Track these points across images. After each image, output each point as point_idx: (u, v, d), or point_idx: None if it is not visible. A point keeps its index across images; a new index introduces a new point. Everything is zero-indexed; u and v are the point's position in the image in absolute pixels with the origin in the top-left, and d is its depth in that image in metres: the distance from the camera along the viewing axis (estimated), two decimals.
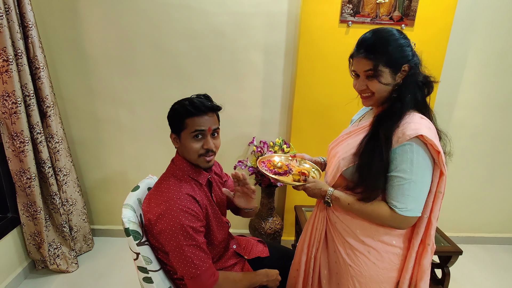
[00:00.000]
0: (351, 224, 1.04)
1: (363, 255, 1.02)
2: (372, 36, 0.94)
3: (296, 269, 1.22)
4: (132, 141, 2.18)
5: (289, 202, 2.25)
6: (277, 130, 2.19)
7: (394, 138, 0.91)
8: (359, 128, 1.06)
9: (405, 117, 0.92)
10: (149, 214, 1.01)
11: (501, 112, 2.16)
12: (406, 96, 0.93)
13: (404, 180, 0.90)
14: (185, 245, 0.97)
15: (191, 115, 1.03)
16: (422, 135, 0.87)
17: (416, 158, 0.88)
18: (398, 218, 0.93)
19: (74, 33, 1.92)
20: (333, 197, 1.03)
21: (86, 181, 2.25)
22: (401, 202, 0.91)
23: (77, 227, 2.10)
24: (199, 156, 1.07)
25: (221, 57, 2.00)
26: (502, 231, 2.45)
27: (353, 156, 0.98)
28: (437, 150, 0.89)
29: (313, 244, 1.15)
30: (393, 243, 1.01)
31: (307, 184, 1.06)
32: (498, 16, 1.97)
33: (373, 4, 1.84)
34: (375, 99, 0.98)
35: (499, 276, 2.12)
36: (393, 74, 0.93)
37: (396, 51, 0.92)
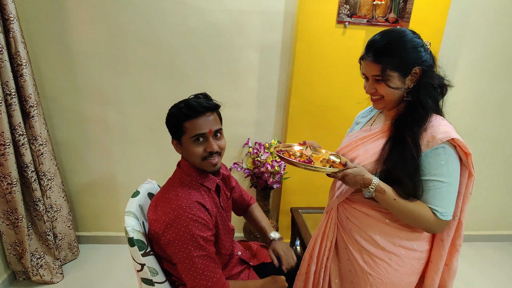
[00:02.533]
0: (369, 230, 1.00)
1: (384, 261, 0.98)
2: (381, 38, 0.92)
3: (302, 280, 1.17)
4: (121, 143, 2.07)
5: (284, 204, 2.22)
6: (272, 131, 2.15)
7: (424, 142, 0.89)
8: (374, 133, 1.03)
9: (430, 119, 0.91)
10: (156, 223, 0.95)
11: (489, 113, 2.24)
12: (427, 100, 0.91)
13: (442, 184, 0.88)
14: (195, 256, 0.91)
15: (189, 118, 0.97)
16: (454, 138, 0.87)
17: (451, 161, 0.88)
18: (440, 223, 0.91)
19: (60, 28, 1.80)
20: (378, 188, 0.91)
21: (72, 185, 2.12)
22: (441, 206, 0.89)
23: (62, 235, 1.97)
24: (203, 159, 1.00)
25: (216, 56, 1.94)
26: (490, 228, 2.54)
27: (376, 162, 0.95)
28: (466, 152, 0.89)
29: (324, 253, 1.10)
30: (414, 247, 0.99)
31: (348, 169, 0.92)
32: (488, 21, 2.03)
33: (370, 5, 1.84)
34: (385, 103, 0.97)
35: (488, 273, 2.19)
36: (403, 78, 0.91)
37: (405, 54, 0.90)
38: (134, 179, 2.15)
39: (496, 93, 2.19)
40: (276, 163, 1.93)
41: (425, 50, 0.92)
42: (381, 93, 0.94)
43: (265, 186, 2.04)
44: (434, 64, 0.94)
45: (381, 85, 0.93)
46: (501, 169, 2.39)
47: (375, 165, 0.95)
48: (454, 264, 1.01)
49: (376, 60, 0.91)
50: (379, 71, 0.91)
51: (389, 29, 0.94)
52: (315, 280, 1.13)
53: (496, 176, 2.40)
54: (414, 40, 0.91)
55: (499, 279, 2.13)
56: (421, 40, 0.93)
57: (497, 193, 2.46)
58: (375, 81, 0.94)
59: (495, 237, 2.55)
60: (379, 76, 0.91)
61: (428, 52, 0.93)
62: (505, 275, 2.17)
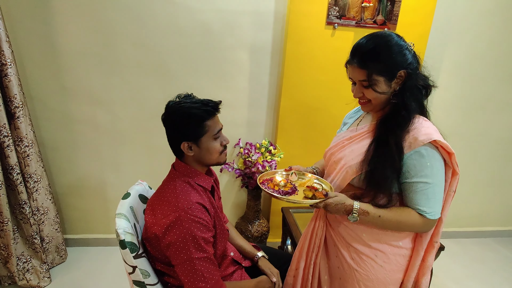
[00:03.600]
0: (356, 228, 1.02)
1: (370, 258, 1.01)
2: (366, 44, 0.93)
3: (293, 276, 1.19)
4: (110, 144, 2.04)
5: (275, 204, 2.23)
6: (263, 131, 2.16)
7: (406, 144, 0.91)
8: (361, 133, 1.05)
9: (413, 121, 0.93)
10: (156, 226, 0.94)
11: (472, 113, 2.31)
12: (411, 102, 0.93)
13: (428, 185, 0.90)
14: (196, 258, 0.92)
15: (210, 116, 1.00)
16: (435, 140, 0.88)
17: (434, 162, 0.90)
18: (429, 223, 0.94)
19: (46, 27, 1.76)
20: (361, 211, 0.94)
21: (59, 187, 2.08)
22: (428, 206, 0.92)
23: (49, 238, 1.93)
24: (220, 153, 1.06)
25: (207, 55, 1.93)
26: (473, 225, 2.62)
27: (361, 163, 0.96)
28: (449, 152, 0.91)
29: (313, 250, 1.12)
30: (400, 244, 1.01)
31: (329, 200, 0.94)
32: (471, 24, 2.09)
33: (358, 7, 1.87)
34: (372, 106, 0.99)
35: (471, 268, 2.26)
36: (389, 82, 0.93)
37: (390, 59, 0.91)
38: (124, 181, 2.12)
39: (479, 93, 2.26)
40: (267, 163, 1.94)
41: (410, 52, 0.93)
42: (368, 97, 0.96)
43: (256, 186, 2.05)
44: (418, 65, 0.95)
45: (368, 90, 0.94)
46: (483, 167, 2.47)
47: (360, 165, 0.97)
48: (429, 260, 1.03)
49: (362, 66, 0.92)
50: (365, 76, 0.92)
51: (374, 34, 0.95)
52: (304, 276, 1.15)
53: (479, 174, 2.48)
54: (399, 43, 0.92)
55: (482, 274, 2.21)
56: (405, 42, 0.94)
57: (480, 191, 2.54)
58: (362, 85, 0.95)
59: (478, 234, 2.63)
60: (366, 81, 0.93)
61: (412, 54, 0.94)
62: (487, 270, 2.24)
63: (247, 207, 2.19)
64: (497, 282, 2.13)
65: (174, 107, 1.00)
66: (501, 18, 2.10)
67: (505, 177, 2.52)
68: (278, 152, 2.06)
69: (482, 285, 2.09)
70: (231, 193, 2.27)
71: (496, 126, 2.37)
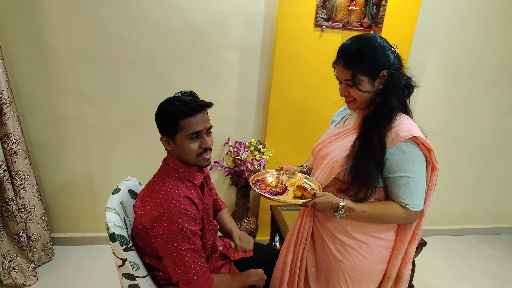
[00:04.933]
0: (341, 221, 1.06)
1: (355, 250, 1.05)
2: (351, 45, 0.98)
3: (280, 269, 1.22)
4: (98, 142, 2.04)
5: (263, 202, 2.26)
6: (252, 130, 2.19)
7: (388, 140, 0.96)
8: (347, 129, 1.09)
9: (395, 119, 0.98)
10: (145, 218, 0.96)
11: (455, 113, 2.39)
12: (393, 101, 0.98)
13: (410, 179, 0.96)
14: (183, 249, 0.93)
15: (186, 116, 0.99)
16: (416, 136, 0.93)
17: (415, 157, 0.95)
18: (411, 215, 0.99)
19: (34, 23, 1.75)
20: (346, 208, 0.99)
21: (46, 185, 2.06)
22: (410, 199, 0.97)
23: (36, 236, 1.92)
24: (198, 155, 1.04)
25: (197, 55, 1.96)
26: (455, 223, 2.71)
27: (347, 158, 1.01)
28: (428, 148, 0.96)
29: (300, 243, 1.16)
30: (383, 236, 1.06)
31: (316, 199, 0.99)
32: (453, 28, 2.18)
33: (345, 10, 1.93)
34: (357, 104, 1.04)
35: (453, 264, 2.34)
36: (372, 81, 0.98)
37: (374, 59, 0.96)
38: (112, 179, 2.12)
39: (460, 95, 2.35)
40: (256, 161, 1.98)
41: (392, 53, 0.98)
42: (353, 95, 1.01)
43: (245, 184, 2.07)
44: (401, 66, 1.00)
45: (352, 89, 1.00)
46: (465, 166, 2.56)
47: (345, 160, 1.01)
48: (411, 252, 1.08)
49: (346, 66, 0.98)
50: (350, 76, 0.98)
51: (359, 36, 1.00)
52: (292, 269, 1.18)
53: (461, 173, 2.57)
54: (382, 45, 0.97)
55: (463, 270, 2.29)
56: (388, 44, 0.99)
57: (461, 190, 2.63)
58: (347, 84, 1.01)
59: (460, 231, 2.72)
60: (350, 81, 0.98)
61: (395, 55, 0.99)
62: (468, 266, 2.33)
63: (236, 205, 2.22)
64: (477, 277, 2.21)
65: (162, 102, 1.04)
66: (482, 23, 2.19)
67: (486, 177, 2.62)
68: (267, 151, 2.09)
69: (463, 281, 2.17)
70: (220, 191, 2.29)
71: (477, 127, 2.46)
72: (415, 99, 2.29)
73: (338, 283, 1.08)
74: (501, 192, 2.70)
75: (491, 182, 2.65)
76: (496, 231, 2.79)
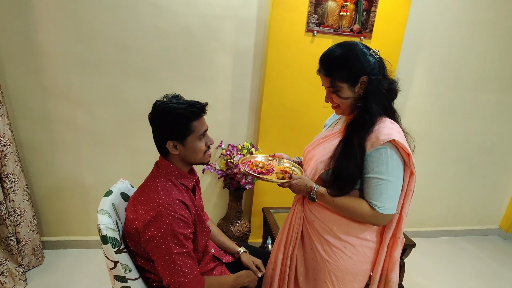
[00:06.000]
0: (328, 222, 1.09)
1: (340, 250, 1.08)
2: (330, 53, 1.01)
3: (272, 268, 1.24)
4: (90, 145, 2.03)
5: (256, 205, 2.28)
6: (245, 133, 2.21)
7: (369, 143, 0.98)
8: (334, 133, 1.13)
9: (376, 123, 0.99)
10: (137, 221, 0.97)
11: (442, 117, 2.45)
12: (372, 106, 1.00)
13: (381, 181, 0.97)
14: (175, 253, 0.94)
15: (197, 117, 1.03)
16: (395, 139, 0.95)
17: (391, 161, 0.96)
18: (378, 216, 1.00)
19: (25, 25, 1.75)
20: (318, 193, 1.06)
21: (37, 188, 2.04)
22: (379, 201, 0.98)
23: (26, 240, 1.90)
24: (204, 153, 1.09)
25: (189, 58, 1.97)
26: (442, 225, 2.76)
27: (330, 159, 1.04)
28: (407, 153, 0.97)
29: (290, 243, 1.18)
30: (367, 237, 1.08)
31: (292, 180, 1.08)
32: (441, 35, 2.24)
33: (336, 16, 1.96)
34: (342, 109, 1.07)
35: (441, 265, 2.39)
36: (352, 87, 1.00)
37: (352, 66, 0.98)
38: (103, 182, 2.11)
39: (448, 99, 2.41)
40: None
41: (374, 58, 1.00)
42: (336, 102, 1.05)
43: (237, 187, 2.09)
44: (383, 70, 1.02)
45: (334, 96, 1.03)
46: (452, 169, 2.62)
47: (329, 161, 1.05)
48: (395, 255, 1.09)
49: (326, 74, 1.02)
50: (329, 83, 1.02)
51: (339, 43, 1.02)
52: (282, 268, 1.21)
53: (448, 176, 2.62)
54: (362, 51, 0.99)
55: (451, 270, 2.33)
56: (368, 50, 1.01)
57: (448, 192, 2.69)
58: (329, 91, 1.04)
59: (448, 233, 2.78)
60: (331, 88, 1.02)
61: (377, 60, 1.00)
62: (456, 267, 2.38)
63: (228, 208, 2.23)
64: (465, 278, 2.26)
65: (161, 107, 1.03)
66: (468, 30, 2.26)
67: (473, 179, 2.69)
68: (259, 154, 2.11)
69: (451, 281, 2.21)
70: (213, 194, 2.30)
71: (464, 131, 2.52)
72: (403, 103, 2.34)
73: (324, 282, 1.11)
74: (488, 194, 2.77)
75: (478, 184, 2.71)
76: (483, 233, 2.86)
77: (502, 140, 2.62)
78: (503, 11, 2.26)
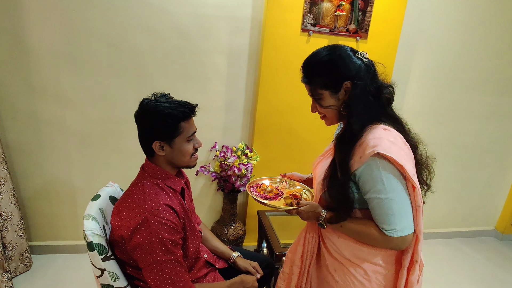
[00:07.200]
0: (337, 243, 1.00)
1: (350, 273, 0.97)
2: (309, 59, 0.93)
3: (284, 280, 1.14)
4: (80, 146, 1.97)
5: (251, 208, 2.24)
6: (239, 135, 2.17)
7: (356, 158, 0.86)
8: (330, 149, 1.05)
9: (364, 134, 0.88)
10: (122, 228, 0.92)
11: (438, 119, 2.44)
12: (353, 115, 0.88)
13: (382, 201, 0.84)
14: (163, 260, 0.90)
15: (186, 118, 1.00)
16: (380, 152, 0.82)
17: (385, 175, 0.83)
18: (392, 240, 0.86)
19: (13, 23, 1.69)
20: (326, 219, 0.97)
21: (25, 192, 1.98)
22: (387, 224, 0.85)
23: (13, 245, 1.83)
24: (191, 156, 1.06)
25: (182, 58, 1.93)
26: (439, 226, 2.74)
27: (323, 181, 0.96)
28: (399, 164, 0.82)
29: (307, 258, 1.09)
30: (380, 263, 0.95)
31: (300, 207, 1.00)
32: (436, 36, 2.22)
33: (332, 16, 1.94)
34: (329, 120, 0.98)
35: (438, 267, 2.37)
36: (334, 94, 0.91)
37: (332, 71, 0.89)
38: (93, 184, 2.05)
39: (444, 101, 2.40)
40: (243, 166, 1.95)
41: (360, 61, 0.90)
42: (321, 111, 0.96)
43: (232, 189, 2.04)
44: (371, 74, 0.91)
45: (318, 104, 0.95)
46: (448, 171, 2.60)
47: (323, 182, 0.95)
48: (412, 279, 0.95)
49: (306, 81, 0.94)
50: (310, 92, 0.94)
51: (319, 49, 0.94)
52: (298, 283, 1.11)
53: (445, 177, 2.61)
54: (345, 53, 0.90)
55: (447, 272, 2.31)
56: (353, 52, 0.91)
57: (445, 194, 2.67)
58: (313, 100, 0.96)
59: (444, 235, 2.76)
60: (312, 96, 0.95)
61: (365, 62, 0.91)
62: (452, 269, 2.36)
63: (223, 211, 2.18)
64: (461, 280, 2.24)
65: (149, 105, 0.99)
66: (464, 32, 2.25)
67: (469, 181, 2.67)
68: (254, 155, 2.07)
69: (447, 283, 2.19)
70: (207, 197, 2.25)
71: (460, 133, 2.51)
72: (400, 106, 2.32)
73: None
74: (484, 195, 2.76)
75: (474, 186, 2.70)
76: (480, 234, 2.85)
77: (497, 141, 2.61)
78: (498, 13, 2.25)
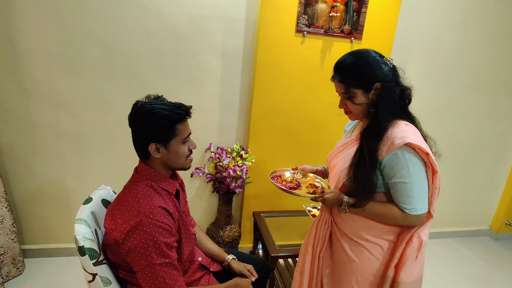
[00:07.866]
0: (355, 225, 1.11)
1: (368, 251, 1.09)
2: (345, 60, 1.05)
3: (299, 272, 1.25)
4: (73, 149, 1.95)
5: (246, 209, 2.23)
6: (234, 136, 2.16)
7: (384, 149, 0.99)
8: (351, 140, 1.15)
9: (389, 128, 1.01)
10: (116, 232, 0.91)
11: (433, 119, 2.45)
12: (382, 112, 1.02)
13: (405, 184, 0.99)
14: (158, 264, 0.89)
15: (182, 120, 0.99)
16: (410, 142, 0.96)
17: (411, 163, 0.98)
18: (410, 218, 1.02)
19: (4, 24, 1.67)
20: (349, 204, 1.08)
21: (17, 194, 1.95)
22: (408, 203, 1.00)
23: (5, 249, 1.81)
24: (186, 158, 1.06)
25: (177, 59, 1.91)
26: (433, 226, 2.75)
27: (349, 168, 1.07)
28: (425, 152, 0.98)
29: (317, 245, 1.20)
30: (391, 238, 1.09)
31: (325, 195, 1.11)
32: (431, 36, 2.23)
33: (326, 17, 1.94)
34: (355, 115, 1.10)
35: (434, 266, 2.38)
36: (366, 94, 1.03)
37: (365, 73, 1.01)
38: (87, 187, 2.03)
39: (439, 101, 2.41)
40: (238, 167, 1.94)
41: (386, 66, 1.03)
42: (350, 108, 1.07)
43: (227, 191, 2.03)
44: (396, 77, 1.05)
45: (348, 102, 1.06)
46: (445, 171, 2.61)
47: (348, 170, 1.07)
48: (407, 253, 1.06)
49: (341, 80, 1.05)
50: (344, 90, 1.05)
51: (353, 51, 1.06)
52: (311, 272, 1.22)
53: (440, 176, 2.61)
54: (375, 59, 1.03)
55: (443, 272, 2.32)
56: (381, 57, 1.04)
57: (441, 193, 2.66)
58: (344, 97, 1.07)
59: (440, 234, 2.77)
60: (345, 94, 1.05)
61: (390, 67, 1.03)
62: (448, 268, 2.37)
63: (218, 212, 2.17)
64: (456, 279, 2.25)
65: (144, 108, 0.98)
66: (458, 31, 2.26)
67: (464, 180, 2.69)
68: (249, 157, 2.07)
69: (443, 282, 2.20)
70: (202, 198, 2.24)
71: (455, 132, 2.53)
72: None
73: (349, 283, 1.11)
74: (479, 195, 2.78)
75: (469, 185, 2.72)
76: (474, 234, 2.86)
77: (492, 141, 2.63)
78: (494, 12, 2.27)
